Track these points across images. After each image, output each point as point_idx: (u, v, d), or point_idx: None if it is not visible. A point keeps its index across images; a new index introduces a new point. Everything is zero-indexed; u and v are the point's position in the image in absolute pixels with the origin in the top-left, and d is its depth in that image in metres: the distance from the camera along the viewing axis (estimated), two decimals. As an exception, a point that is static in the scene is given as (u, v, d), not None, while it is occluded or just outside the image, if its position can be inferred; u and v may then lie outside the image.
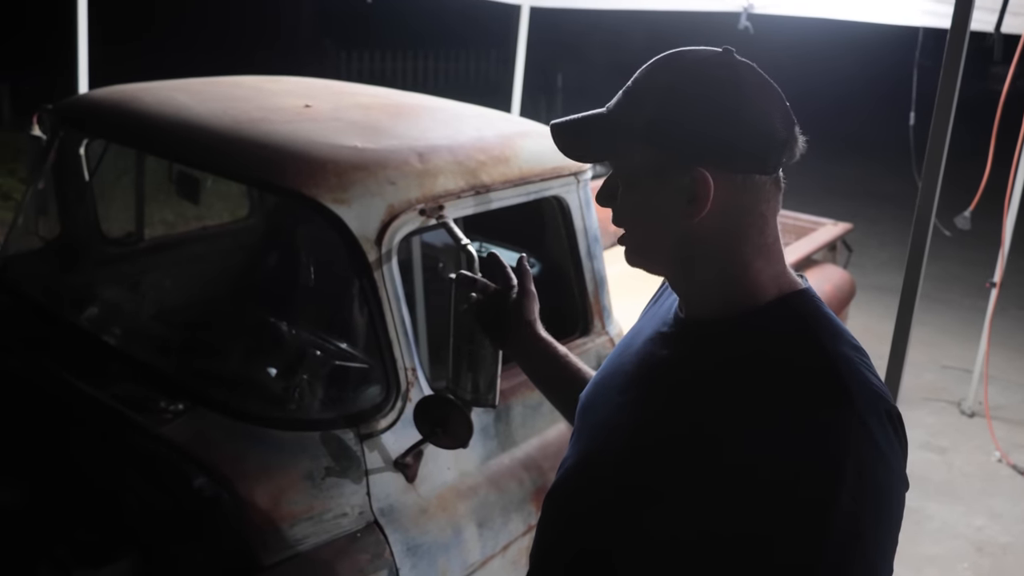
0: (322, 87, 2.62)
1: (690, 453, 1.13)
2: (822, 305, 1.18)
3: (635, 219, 1.19)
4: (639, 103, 1.15)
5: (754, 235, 1.17)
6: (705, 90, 1.13)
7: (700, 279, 1.19)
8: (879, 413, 1.06)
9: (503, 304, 1.62)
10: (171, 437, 1.77)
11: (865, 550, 1.03)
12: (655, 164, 1.14)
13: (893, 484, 1.06)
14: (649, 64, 1.19)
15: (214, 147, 2.05)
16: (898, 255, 7.39)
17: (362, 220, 1.86)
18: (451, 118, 2.33)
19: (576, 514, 1.31)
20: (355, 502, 1.81)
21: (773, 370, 1.10)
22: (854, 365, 1.10)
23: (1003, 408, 5.05)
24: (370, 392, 1.93)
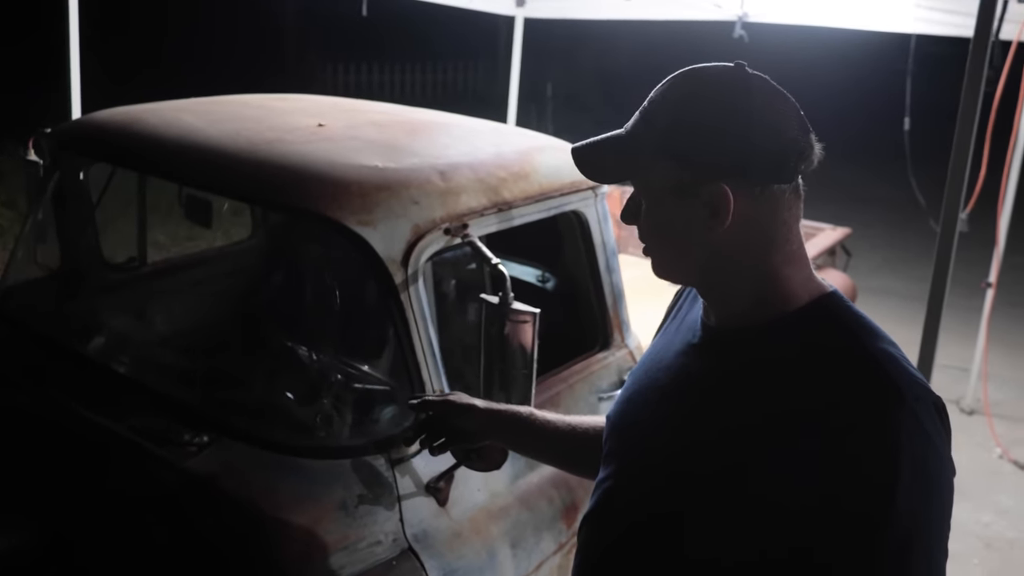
0: (331, 104, 2.59)
1: (739, 471, 1.12)
2: (852, 305, 1.19)
3: (660, 235, 1.20)
4: (656, 121, 1.17)
5: (780, 243, 1.18)
6: (719, 105, 1.14)
7: (730, 289, 1.19)
8: (928, 406, 1.07)
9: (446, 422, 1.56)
10: (198, 470, 1.73)
11: (925, 542, 1.04)
12: (675, 180, 1.15)
13: (944, 473, 1.07)
14: (665, 82, 1.20)
15: (230, 169, 2.02)
16: (891, 258, 7.45)
17: (387, 241, 1.83)
18: (468, 134, 2.31)
19: (619, 536, 1.29)
20: (389, 529, 1.77)
21: (819, 374, 1.10)
22: (898, 361, 1.11)
23: (1001, 404, 5.08)
24: (399, 416, 1.90)
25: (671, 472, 1.22)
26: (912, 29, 4.00)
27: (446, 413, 1.55)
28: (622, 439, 1.35)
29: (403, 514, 1.80)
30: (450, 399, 1.56)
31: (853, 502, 1.04)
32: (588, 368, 2.32)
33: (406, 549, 1.78)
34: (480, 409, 1.54)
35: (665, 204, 1.17)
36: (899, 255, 7.51)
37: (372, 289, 1.85)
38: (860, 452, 1.04)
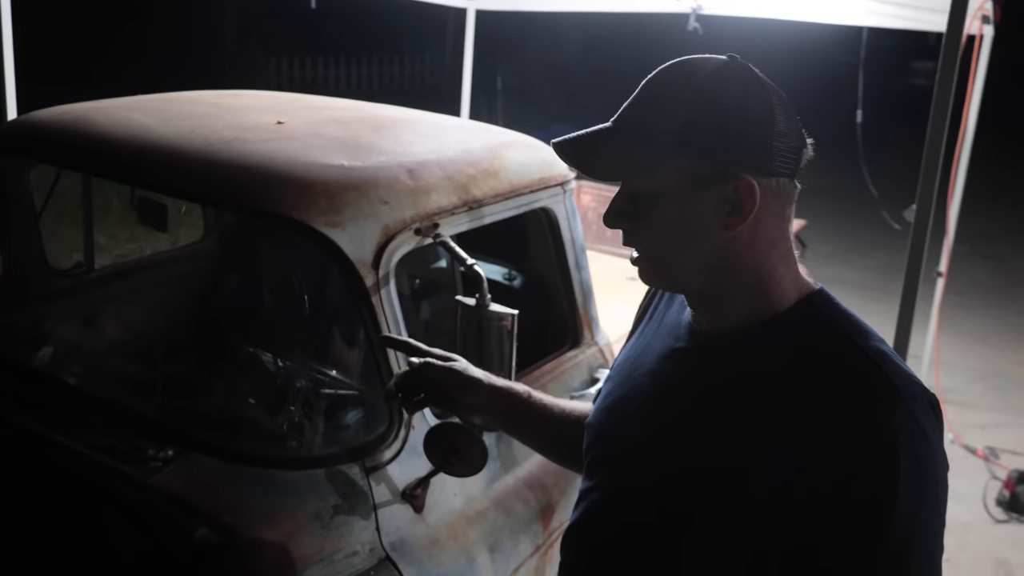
0: (289, 101, 2.51)
1: (739, 471, 1.10)
2: (840, 303, 1.18)
3: (664, 239, 1.14)
4: (668, 115, 1.10)
5: (779, 240, 1.16)
6: (738, 96, 1.11)
7: (726, 292, 1.16)
8: (924, 405, 1.07)
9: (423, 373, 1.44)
10: (164, 487, 1.65)
11: (923, 539, 1.05)
12: (693, 175, 1.10)
13: (939, 470, 1.07)
14: (661, 75, 1.15)
15: (188, 170, 1.93)
16: (841, 248, 7.58)
17: (357, 243, 1.77)
18: (433, 130, 2.25)
19: (610, 546, 1.26)
20: (365, 539, 1.72)
21: (816, 376, 1.09)
22: (893, 361, 1.10)
23: (952, 391, 5.19)
24: (372, 423, 1.84)
25: (667, 477, 1.19)
26: (863, 22, 4.05)
27: (447, 380, 1.43)
28: (607, 448, 1.32)
29: (379, 523, 1.75)
30: (455, 368, 1.44)
31: (853, 504, 1.03)
32: (559, 367, 2.29)
33: (384, 559, 1.73)
34: (484, 385, 1.44)
35: (677, 201, 1.12)
36: (850, 245, 7.64)
37: (342, 292, 1.79)
38: (861, 453, 1.03)
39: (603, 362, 2.41)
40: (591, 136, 1.17)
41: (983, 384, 5.46)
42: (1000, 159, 10.89)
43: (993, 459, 4.50)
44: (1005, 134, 10.56)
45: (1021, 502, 4.05)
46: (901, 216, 4.49)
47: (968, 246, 7.46)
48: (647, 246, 1.17)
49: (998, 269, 7.75)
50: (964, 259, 7.38)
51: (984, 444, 4.62)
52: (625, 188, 1.16)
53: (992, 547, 3.83)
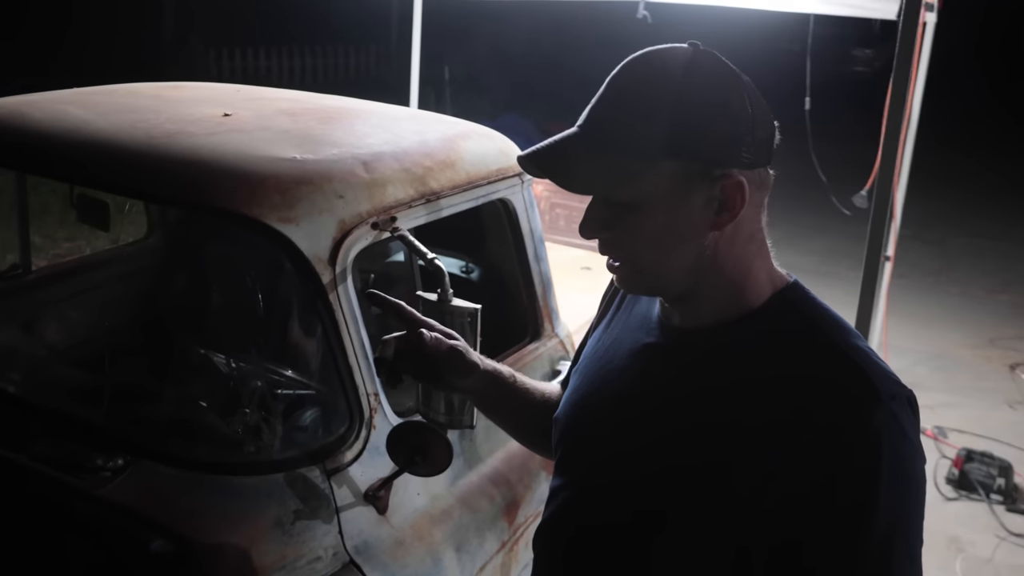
0: (233, 92, 2.43)
1: (714, 471, 1.09)
2: (814, 296, 1.16)
3: (651, 245, 1.09)
4: (649, 117, 1.05)
5: (757, 232, 1.14)
6: (718, 91, 1.07)
7: (707, 290, 1.13)
8: (903, 402, 1.06)
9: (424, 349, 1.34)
10: (114, 498, 1.58)
11: (905, 534, 1.04)
12: (681, 178, 1.06)
13: (918, 466, 1.07)
14: (631, 75, 1.09)
15: (129, 167, 1.85)
16: (789, 234, 7.66)
17: (312, 239, 1.71)
18: (387, 121, 2.19)
19: (582, 546, 1.24)
20: (328, 543, 1.67)
21: (795, 376, 1.07)
22: (869, 357, 1.09)
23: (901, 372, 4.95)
24: (332, 423, 1.79)
25: (639, 476, 1.17)
26: (811, 9, 4.07)
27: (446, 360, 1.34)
28: (577, 446, 1.29)
29: (342, 526, 1.69)
30: (457, 348, 1.35)
31: (835, 505, 1.02)
32: (520, 360, 2.25)
33: (347, 563, 1.68)
34: (480, 370, 1.38)
35: (664, 206, 1.07)
36: (796, 230, 7.74)
37: (297, 290, 1.73)
38: (843, 453, 1.02)
39: (564, 354, 2.39)
40: (561, 145, 1.10)
41: (929, 365, 5.58)
42: (936, 144, 11.17)
43: (942, 439, 4.59)
44: (943, 119, 10.82)
45: (970, 480, 4.14)
46: (851, 202, 4.56)
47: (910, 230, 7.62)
48: (631, 253, 1.12)
49: (938, 252, 7.93)
50: (907, 243, 7.54)
51: (932, 424, 4.70)
52: (605, 195, 1.11)
53: (943, 525, 3.90)
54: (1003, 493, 4.07)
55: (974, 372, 5.53)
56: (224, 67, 12.09)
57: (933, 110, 5.69)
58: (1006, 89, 15.60)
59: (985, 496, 4.07)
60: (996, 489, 4.08)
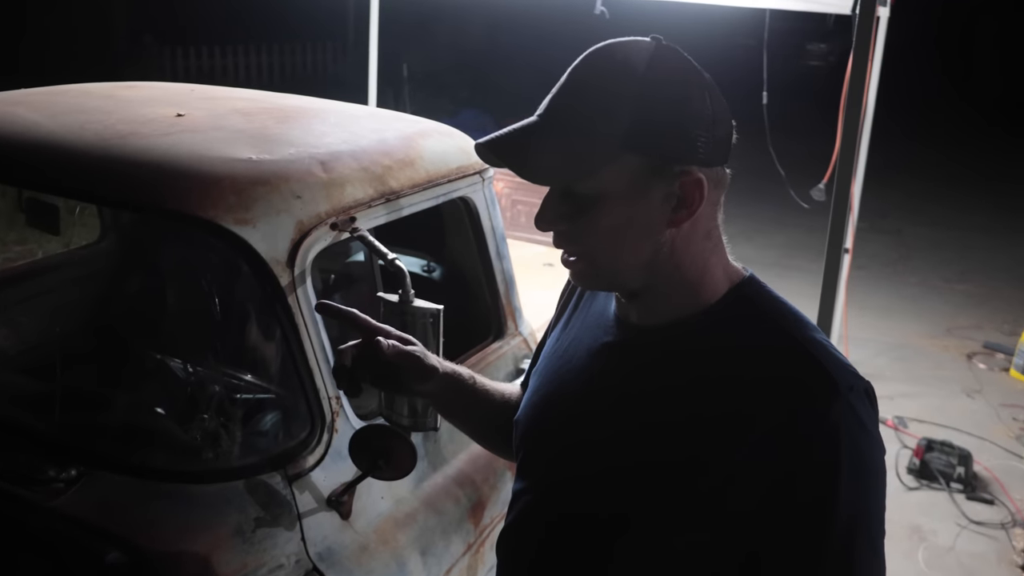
0: (187, 92, 2.38)
1: (674, 469, 1.08)
2: (770, 290, 1.16)
3: (609, 239, 1.08)
4: (611, 109, 1.04)
5: (713, 229, 1.13)
6: (680, 87, 1.06)
7: (662, 285, 1.12)
8: (860, 394, 1.06)
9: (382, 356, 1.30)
10: (68, 510, 1.54)
11: (866, 526, 1.04)
12: (640, 173, 1.05)
13: (878, 457, 1.07)
14: (592, 67, 1.08)
15: (80, 169, 1.80)
16: (746, 229, 7.73)
17: (270, 241, 1.68)
18: (344, 120, 2.16)
19: (546, 549, 1.22)
20: (290, 551, 1.64)
21: (752, 371, 1.06)
22: (826, 349, 1.09)
23: (859, 364, 5.14)
24: (293, 428, 1.76)
25: (600, 476, 1.15)
26: (767, 4, 4.10)
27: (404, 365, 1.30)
28: (538, 447, 1.27)
29: (305, 533, 1.67)
30: (415, 354, 1.31)
31: (796, 498, 1.02)
32: (484, 359, 2.24)
33: (311, 570, 1.65)
34: (439, 374, 1.34)
35: (623, 201, 1.06)
36: (755, 225, 7.81)
37: (255, 293, 1.69)
38: (803, 448, 1.02)
39: (528, 352, 2.37)
40: (519, 135, 1.09)
41: (888, 356, 5.65)
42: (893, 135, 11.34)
43: (902, 428, 4.66)
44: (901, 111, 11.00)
45: (931, 469, 4.19)
46: (809, 195, 4.61)
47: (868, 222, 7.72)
48: (587, 248, 1.11)
49: (895, 243, 8.04)
50: (864, 235, 7.64)
51: (893, 414, 4.77)
52: (562, 188, 1.09)
53: (905, 514, 3.94)
54: (963, 482, 4.13)
55: (933, 362, 5.61)
56: (179, 66, 11.90)
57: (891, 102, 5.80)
58: (961, 80, 15.91)
59: (945, 485, 4.12)
60: (956, 478, 4.14)
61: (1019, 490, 4.16)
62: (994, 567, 3.65)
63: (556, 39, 1.87)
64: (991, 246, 8.02)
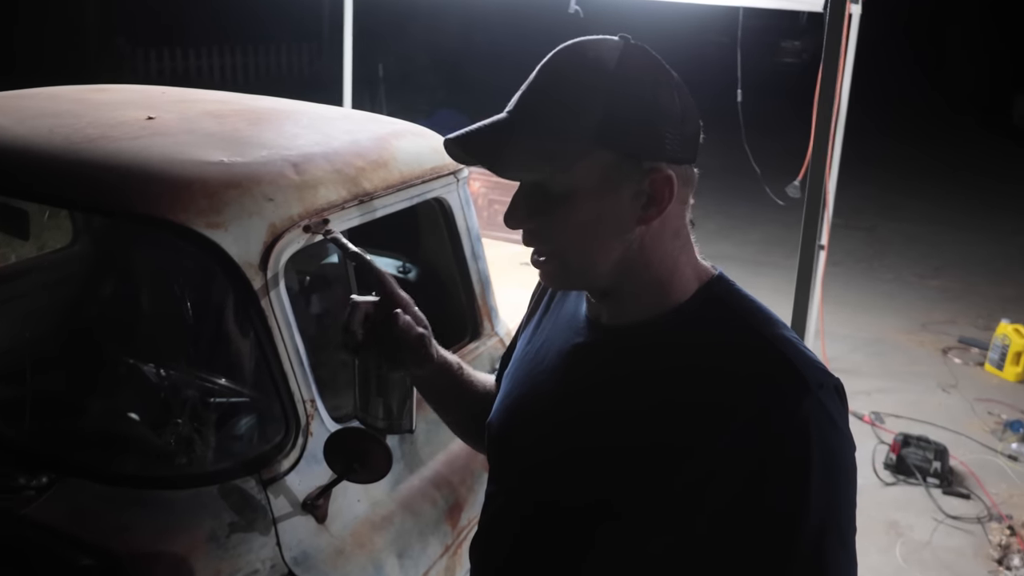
0: (158, 94, 2.36)
1: (649, 470, 1.08)
2: (739, 288, 1.17)
3: (579, 236, 1.08)
4: (583, 105, 1.04)
5: (681, 228, 1.14)
6: (650, 86, 1.06)
7: (632, 285, 1.12)
8: (831, 391, 1.06)
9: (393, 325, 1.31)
10: (40, 518, 1.52)
11: (837, 523, 1.05)
12: (611, 169, 1.05)
13: (848, 454, 1.07)
14: (563, 63, 1.08)
15: (48, 173, 1.78)
16: (724, 226, 7.78)
17: (242, 244, 1.67)
18: (317, 122, 2.15)
19: (517, 552, 1.22)
20: (265, 555, 1.63)
21: (722, 369, 1.07)
22: (795, 347, 1.09)
23: (835, 360, 5.38)
24: (268, 432, 1.75)
25: (571, 480, 1.15)
26: (740, 2, 4.12)
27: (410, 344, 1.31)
28: (510, 450, 1.27)
29: (280, 537, 1.66)
30: (424, 337, 1.32)
31: (767, 496, 1.02)
32: (460, 360, 2.23)
33: (286, 574, 1.64)
34: (435, 361, 1.35)
35: (593, 197, 1.06)
36: (731, 222, 7.86)
37: (228, 296, 1.68)
38: (773, 445, 1.02)
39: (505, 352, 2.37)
40: (489, 131, 1.08)
41: (865, 351, 5.69)
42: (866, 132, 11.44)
43: (879, 424, 4.69)
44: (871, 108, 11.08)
45: (907, 464, 4.22)
46: (784, 192, 4.64)
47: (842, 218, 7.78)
48: (557, 246, 1.10)
49: (870, 239, 8.11)
50: (839, 231, 7.69)
51: (870, 410, 4.81)
52: (532, 184, 1.09)
53: (882, 510, 3.97)
54: (939, 476, 4.16)
55: (908, 357, 5.66)
56: (152, 68, 11.80)
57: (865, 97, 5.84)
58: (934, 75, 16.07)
59: (922, 480, 4.15)
60: (932, 473, 4.16)
61: (995, 484, 4.20)
62: (971, 561, 3.68)
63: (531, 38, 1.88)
64: (965, 241, 8.09)
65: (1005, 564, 3.64)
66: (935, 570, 3.61)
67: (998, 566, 3.64)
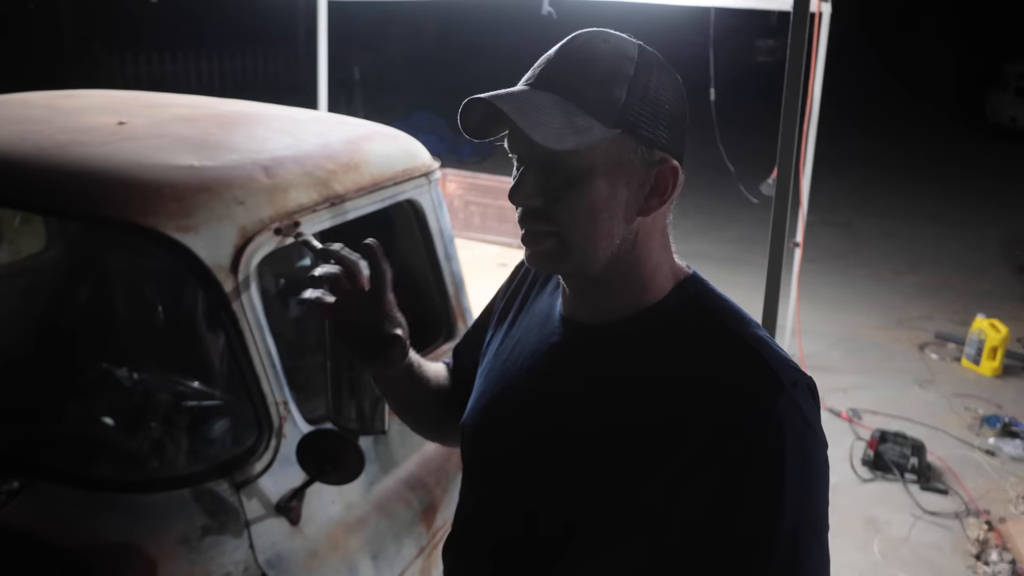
0: (130, 99, 2.36)
1: (621, 478, 1.09)
2: (712, 287, 1.18)
3: (586, 217, 1.07)
4: (610, 88, 1.04)
5: (665, 228, 1.16)
6: (664, 76, 1.09)
7: (615, 281, 1.13)
8: (803, 390, 1.07)
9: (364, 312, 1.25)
10: (9, 523, 1.52)
11: (812, 521, 1.05)
12: (628, 153, 1.06)
13: (821, 452, 1.08)
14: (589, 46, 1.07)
15: (17, 179, 1.78)
16: (701, 224, 7.81)
17: (212, 247, 1.67)
18: (288, 125, 2.15)
19: (490, 557, 1.22)
20: (238, 558, 1.63)
21: (696, 369, 1.08)
22: (768, 346, 1.10)
23: (812, 356, 5.41)
24: (240, 434, 1.75)
25: (545, 482, 1.16)
26: (711, 3, 4.15)
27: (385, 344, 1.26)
28: (484, 450, 1.27)
29: (253, 540, 1.66)
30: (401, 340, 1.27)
31: (742, 495, 1.03)
32: (434, 360, 2.24)
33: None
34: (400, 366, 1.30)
35: (606, 180, 1.06)
36: (707, 219, 7.88)
37: (199, 300, 1.69)
38: (747, 445, 1.03)
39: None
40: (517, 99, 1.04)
41: (841, 348, 5.72)
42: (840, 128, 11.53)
43: (856, 420, 4.71)
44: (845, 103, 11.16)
45: (885, 460, 4.23)
46: (758, 190, 4.67)
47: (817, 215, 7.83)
48: (562, 225, 1.08)
49: (845, 236, 8.17)
50: (814, 228, 7.74)
51: (847, 406, 4.83)
52: (547, 159, 1.06)
53: (860, 506, 3.99)
54: (917, 472, 4.17)
55: (885, 353, 5.69)
56: (128, 73, 11.71)
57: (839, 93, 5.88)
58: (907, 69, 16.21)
59: (900, 476, 4.16)
60: (910, 468, 4.18)
61: (972, 479, 4.22)
62: (949, 557, 3.69)
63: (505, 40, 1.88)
64: (941, 235, 8.15)
65: (983, 559, 3.65)
66: (913, 566, 3.63)
67: (976, 561, 3.65)
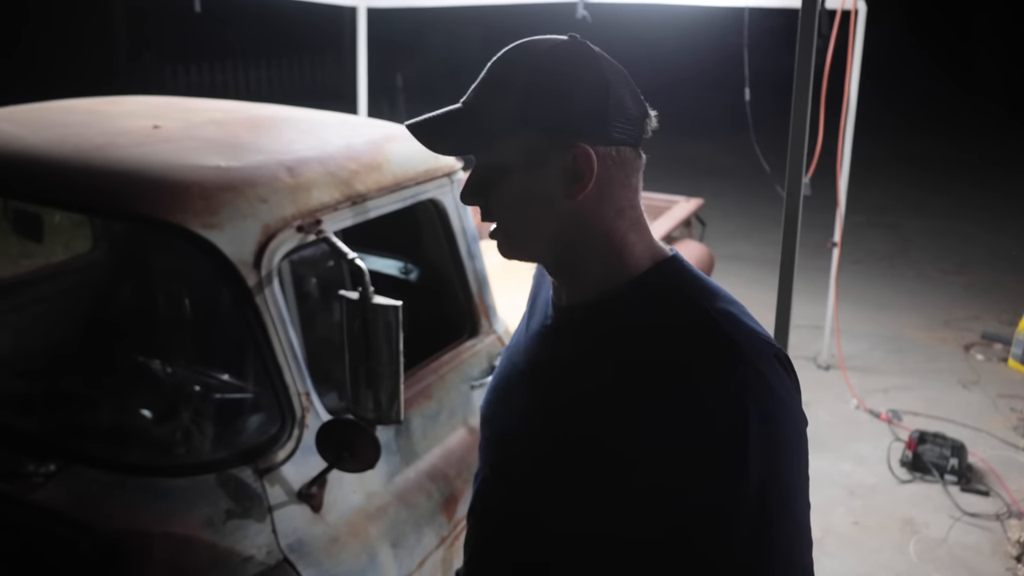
0: (167, 105, 2.46)
1: (594, 447, 1.13)
2: (692, 268, 1.21)
3: (514, 210, 1.17)
4: (506, 90, 1.14)
5: (627, 209, 1.19)
6: (571, 69, 1.14)
7: (581, 262, 1.19)
8: (770, 359, 1.09)
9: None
10: (46, 502, 1.61)
11: (781, 495, 1.07)
12: (534, 147, 1.13)
13: (791, 422, 1.10)
14: (503, 55, 1.19)
15: (58, 179, 1.88)
16: (743, 225, 7.75)
17: (236, 244, 1.75)
18: (314, 127, 2.23)
19: (499, 527, 1.28)
20: (261, 542, 1.70)
21: (666, 340, 1.12)
22: (737, 318, 1.13)
23: (853, 358, 5.36)
24: (264, 424, 1.82)
25: (540, 457, 1.21)
26: (744, 3, 4.15)
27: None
28: (492, 428, 1.34)
29: (276, 525, 1.73)
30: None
31: (708, 468, 1.06)
32: (458, 357, 2.30)
33: (281, 560, 1.71)
34: None
35: (522, 174, 1.15)
36: (750, 222, 7.82)
37: (224, 294, 1.76)
38: (709, 412, 1.05)
39: (502, 349, 2.43)
40: (442, 117, 1.19)
41: (883, 349, 5.65)
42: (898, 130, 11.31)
43: (896, 421, 4.65)
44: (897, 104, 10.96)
45: (923, 461, 4.17)
46: (795, 191, 4.63)
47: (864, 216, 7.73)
48: (500, 219, 1.19)
49: (893, 237, 8.03)
50: (860, 230, 7.64)
51: (887, 407, 4.77)
52: (477, 165, 1.19)
53: (898, 507, 3.95)
54: (956, 473, 4.10)
55: (928, 354, 5.60)
56: (180, 82, 12.03)
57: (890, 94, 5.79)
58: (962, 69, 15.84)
59: (939, 477, 4.10)
60: (950, 470, 4.11)
61: (1016, 481, 4.14)
62: (987, 558, 3.63)
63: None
64: (992, 236, 7.97)
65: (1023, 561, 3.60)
66: (950, 567, 3.57)
67: (1016, 563, 3.58)
